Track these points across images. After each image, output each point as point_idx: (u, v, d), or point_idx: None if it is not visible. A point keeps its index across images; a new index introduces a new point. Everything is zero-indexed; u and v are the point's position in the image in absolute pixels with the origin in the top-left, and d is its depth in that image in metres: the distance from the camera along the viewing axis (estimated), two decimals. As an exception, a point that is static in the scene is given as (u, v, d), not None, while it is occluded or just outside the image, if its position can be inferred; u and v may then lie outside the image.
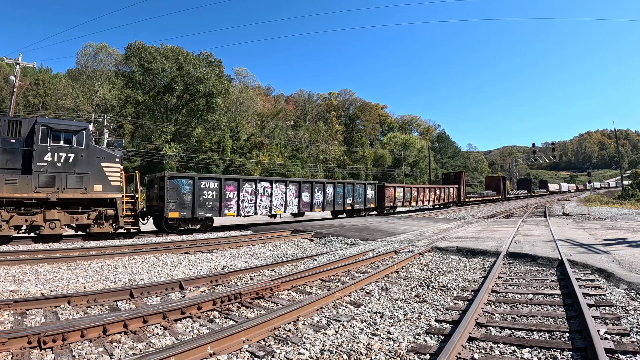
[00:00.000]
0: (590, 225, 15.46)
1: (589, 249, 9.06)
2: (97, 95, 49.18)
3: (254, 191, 16.78)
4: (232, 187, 15.98)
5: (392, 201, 26.42)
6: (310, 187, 19.50)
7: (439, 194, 33.87)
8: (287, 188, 18.28)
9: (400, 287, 6.30)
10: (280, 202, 17.87)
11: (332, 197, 20.71)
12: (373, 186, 24.73)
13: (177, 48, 51.55)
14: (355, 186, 22.82)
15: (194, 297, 5.49)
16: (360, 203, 22.90)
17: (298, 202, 18.75)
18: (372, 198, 24.13)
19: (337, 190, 21.15)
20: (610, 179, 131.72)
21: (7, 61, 29.79)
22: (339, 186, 21.54)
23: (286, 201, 18.14)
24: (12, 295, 5.79)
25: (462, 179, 39.54)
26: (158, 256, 9.43)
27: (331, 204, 20.77)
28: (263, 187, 17.23)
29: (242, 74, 67.75)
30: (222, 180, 15.66)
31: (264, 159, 54.00)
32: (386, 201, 25.60)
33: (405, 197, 28.16)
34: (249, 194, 16.63)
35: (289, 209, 18.42)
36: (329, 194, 20.51)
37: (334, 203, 20.92)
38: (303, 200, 18.99)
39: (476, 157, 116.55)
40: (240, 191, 16.22)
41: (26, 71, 59.20)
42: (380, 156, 74.08)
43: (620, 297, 5.34)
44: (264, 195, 17.17)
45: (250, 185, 16.78)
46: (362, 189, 23.26)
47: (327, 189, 20.49)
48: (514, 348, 3.73)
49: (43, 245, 11.61)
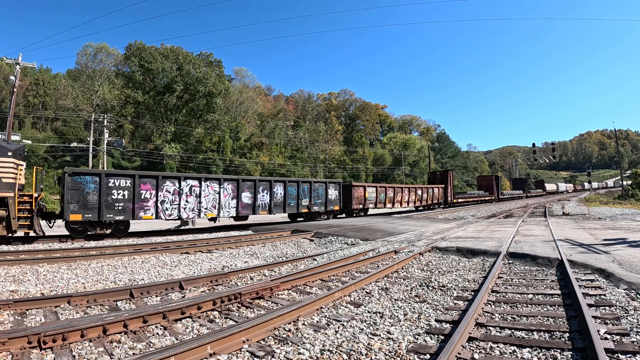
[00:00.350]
0: (590, 225, 15.46)
1: (589, 249, 9.06)
2: (97, 95, 49.18)
3: (177, 190, 14.52)
4: (148, 186, 13.82)
5: (362, 202, 23.62)
6: (252, 186, 16.90)
7: (421, 195, 31.09)
8: (222, 187, 15.83)
9: (400, 287, 6.30)
10: (212, 204, 15.44)
11: (281, 198, 18.05)
12: (336, 185, 21.77)
13: (177, 48, 51.57)
14: (313, 185, 19.88)
15: (194, 297, 5.49)
16: (319, 205, 20.13)
17: (236, 204, 16.23)
18: (336, 199, 21.33)
19: (288, 190, 18.43)
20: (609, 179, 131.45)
21: (7, 61, 29.79)
22: (291, 185, 18.78)
23: (220, 202, 15.66)
24: (12, 295, 5.79)
25: (449, 178, 36.76)
26: (158, 256, 9.43)
27: (281, 206, 18.06)
28: (189, 186, 14.90)
29: (242, 74, 67.78)
30: (136, 178, 13.53)
31: (264, 159, 54.01)
32: (354, 202, 22.87)
33: (378, 198, 25.34)
34: (171, 193, 14.38)
35: (224, 212, 15.89)
36: (277, 195, 17.89)
37: (285, 205, 18.19)
38: (243, 202, 16.49)
39: (476, 157, 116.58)
40: (160, 190, 14.02)
41: (26, 71, 59.29)
42: (380, 156, 74.09)
43: (620, 297, 5.34)
44: (190, 195, 14.84)
45: (173, 183, 14.47)
46: (322, 189, 20.44)
47: (275, 188, 17.83)
48: (514, 348, 3.73)
49: (43, 245, 11.62)
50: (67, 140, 52.45)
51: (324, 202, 20.47)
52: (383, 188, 26.30)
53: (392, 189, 27.32)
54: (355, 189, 23.19)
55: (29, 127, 59.88)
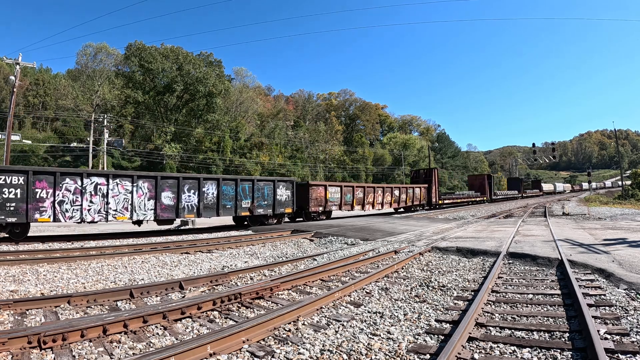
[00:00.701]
0: (590, 225, 15.46)
1: (589, 249, 9.06)
2: (97, 95, 49.21)
3: (79, 189, 12.62)
4: (45, 184, 12.19)
5: (323, 204, 20.52)
6: (175, 184, 14.39)
7: (399, 196, 27.83)
8: (136, 186, 13.53)
9: (400, 287, 6.30)
10: (123, 205, 13.28)
11: (214, 199, 15.40)
12: (288, 184, 18.78)
13: (177, 48, 51.60)
14: (257, 184, 17.17)
15: (194, 297, 5.49)
16: (265, 207, 17.41)
17: (155, 206, 13.78)
18: (288, 200, 18.54)
19: (223, 190, 15.74)
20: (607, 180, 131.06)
21: (7, 61, 29.80)
22: (226, 184, 16.02)
23: (133, 204, 13.42)
24: (12, 295, 5.79)
25: (434, 177, 33.12)
26: (158, 256, 9.43)
27: (213, 208, 15.38)
28: (94, 184, 12.93)
29: (242, 74, 67.82)
30: (30, 175, 11.86)
31: (264, 159, 54.03)
32: (312, 204, 19.88)
33: (344, 199, 22.08)
34: (72, 192, 12.54)
35: (138, 214, 13.54)
36: (208, 195, 15.30)
37: (219, 207, 15.49)
38: (163, 203, 14.02)
39: (476, 157, 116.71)
40: (58, 189, 12.25)
41: (26, 71, 59.29)
42: (380, 156, 74.13)
43: (620, 297, 5.34)
44: (95, 194, 12.88)
45: (74, 181, 12.56)
46: (268, 189, 17.64)
47: (204, 187, 15.20)
48: (514, 348, 3.73)
49: (43, 245, 11.61)
50: (67, 140, 52.45)
51: (272, 204, 17.65)
52: (350, 188, 23.09)
53: (361, 188, 24.14)
54: (313, 189, 20.23)
55: (29, 127, 59.87)
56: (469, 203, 41.56)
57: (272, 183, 17.96)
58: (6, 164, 19.73)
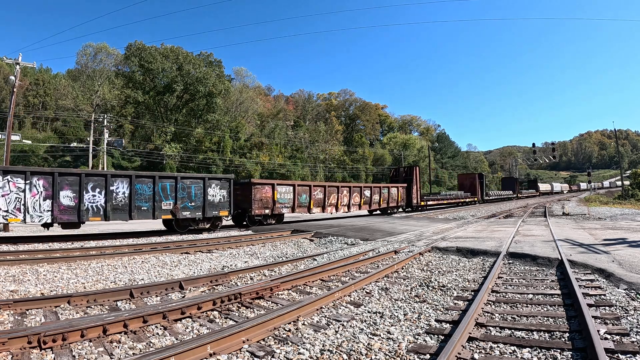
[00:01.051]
0: (590, 225, 15.46)
1: (589, 249, 9.06)
2: (97, 95, 49.22)
3: None
4: None
5: (270, 206, 17.59)
6: (77, 182, 12.49)
7: (370, 197, 24.25)
8: (29, 183, 11.78)
9: (400, 287, 6.30)
10: (15, 206, 11.56)
11: (125, 199, 13.25)
12: (224, 183, 16.07)
13: (177, 48, 51.59)
14: (182, 182, 14.64)
15: (194, 297, 5.49)
16: (193, 209, 14.84)
17: (52, 206, 12.00)
18: (223, 201, 15.89)
19: (136, 189, 13.47)
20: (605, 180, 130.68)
21: (7, 61, 29.80)
22: (141, 182, 13.67)
23: (26, 204, 11.67)
24: (12, 295, 5.79)
25: (415, 176, 29.48)
26: (158, 256, 9.43)
27: (124, 210, 13.26)
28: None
29: (242, 74, 67.84)
30: None
31: (264, 159, 54.03)
32: (256, 206, 16.99)
33: (297, 201, 18.95)
34: None
35: (32, 216, 11.78)
36: (118, 194, 13.13)
37: (131, 208, 13.33)
38: (61, 203, 12.20)
39: (476, 157, 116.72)
40: None
41: (26, 71, 59.27)
42: (380, 156, 74.12)
43: (620, 297, 5.34)
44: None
45: None
46: (197, 188, 15.08)
47: (113, 185, 13.04)
48: (514, 348, 3.73)
49: (43, 245, 11.61)
50: (67, 140, 52.46)
51: (202, 206, 15.10)
52: (305, 187, 19.79)
53: (320, 188, 20.68)
54: (257, 188, 17.13)
55: (29, 127, 59.88)
56: (458, 204, 38.23)
57: (201, 181, 15.39)
58: (6, 164, 19.72)
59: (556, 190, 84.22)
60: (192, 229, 15.15)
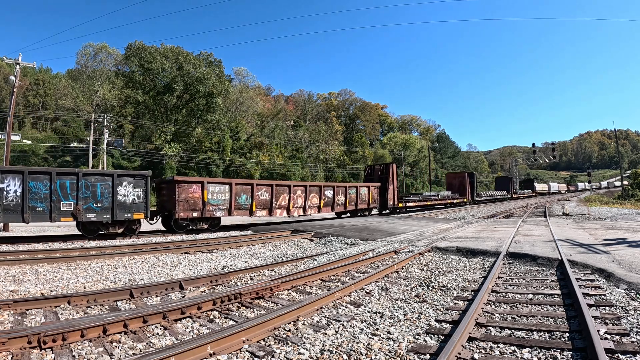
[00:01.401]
0: (590, 225, 15.46)
1: (589, 249, 9.06)
2: (97, 95, 49.22)
3: None
4: None
5: (199, 208, 14.87)
6: None
7: (333, 198, 20.81)
8: None
9: (400, 287, 6.30)
10: None
11: (17, 199, 11.65)
12: (139, 180, 13.95)
13: (177, 48, 51.61)
14: (85, 180, 12.81)
15: (194, 297, 5.49)
16: (100, 211, 12.93)
17: None
18: (138, 203, 13.80)
19: (30, 187, 11.86)
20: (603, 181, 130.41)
21: (7, 61, 29.81)
22: (36, 179, 12.01)
23: None
24: (12, 295, 5.79)
25: (391, 174, 26.39)
26: (158, 256, 9.43)
27: (17, 212, 11.66)
28: None
29: (242, 74, 67.90)
30: None
31: (264, 159, 54.03)
32: (181, 208, 14.39)
33: (235, 202, 15.93)
34: None
35: None
36: (9, 193, 11.60)
37: (24, 209, 11.67)
38: None
39: (476, 157, 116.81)
40: None
41: (26, 71, 59.27)
42: (380, 156, 74.09)
43: (620, 297, 5.34)
44: None
45: None
46: (104, 186, 13.09)
47: (4, 183, 11.51)
48: (514, 348, 3.73)
49: (43, 245, 11.61)
50: (67, 140, 52.50)
51: (110, 207, 13.16)
52: (246, 187, 16.63)
53: (266, 187, 17.39)
54: (182, 187, 14.43)
55: (29, 127, 59.92)
56: (446, 206, 34.98)
57: (110, 178, 13.35)
58: (6, 164, 19.72)
59: (553, 190, 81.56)
60: (102, 233, 13.35)
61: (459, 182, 39.58)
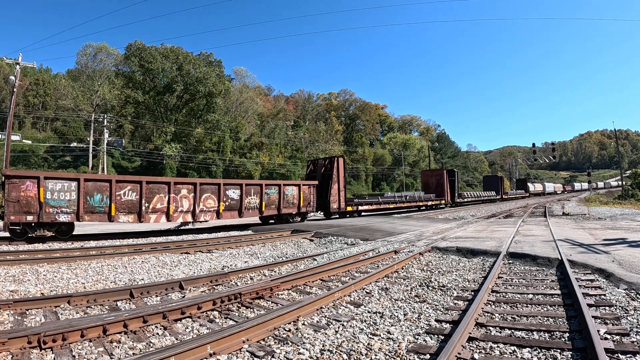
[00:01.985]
0: (590, 225, 15.46)
1: (589, 249, 9.06)
2: (97, 95, 49.21)
3: None
4: None
5: (35, 211, 11.45)
6: None
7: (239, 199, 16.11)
8: None
9: (400, 287, 6.30)
10: None
11: None
12: None
13: (177, 48, 51.61)
14: None
15: (194, 297, 5.49)
16: None
17: None
18: None
19: None
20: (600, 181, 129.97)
21: (7, 61, 29.82)
22: None
23: None
24: (12, 295, 5.79)
25: (336, 171, 21.17)
26: (158, 256, 9.43)
27: None
28: None
29: (242, 74, 67.90)
30: None
31: (264, 159, 54.02)
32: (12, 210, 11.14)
33: (85, 203, 12.22)
34: None
35: None
36: None
37: None
38: None
39: (476, 157, 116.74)
40: None
41: (26, 71, 59.30)
42: (380, 156, 74.13)
43: (620, 297, 5.34)
44: None
45: None
46: None
47: None
48: (514, 348, 3.73)
49: (43, 245, 11.60)
50: (67, 140, 52.51)
51: None
52: (103, 184, 12.77)
53: (133, 185, 13.33)
54: (13, 183, 11.27)
55: (29, 127, 59.93)
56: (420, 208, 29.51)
57: None
58: (6, 164, 19.72)
59: (548, 190, 76.76)
60: None
61: (436, 181, 34.23)
